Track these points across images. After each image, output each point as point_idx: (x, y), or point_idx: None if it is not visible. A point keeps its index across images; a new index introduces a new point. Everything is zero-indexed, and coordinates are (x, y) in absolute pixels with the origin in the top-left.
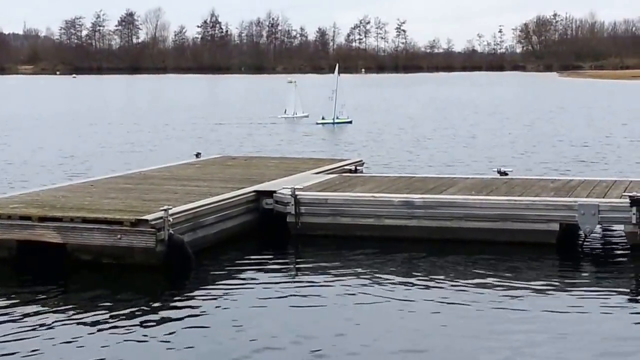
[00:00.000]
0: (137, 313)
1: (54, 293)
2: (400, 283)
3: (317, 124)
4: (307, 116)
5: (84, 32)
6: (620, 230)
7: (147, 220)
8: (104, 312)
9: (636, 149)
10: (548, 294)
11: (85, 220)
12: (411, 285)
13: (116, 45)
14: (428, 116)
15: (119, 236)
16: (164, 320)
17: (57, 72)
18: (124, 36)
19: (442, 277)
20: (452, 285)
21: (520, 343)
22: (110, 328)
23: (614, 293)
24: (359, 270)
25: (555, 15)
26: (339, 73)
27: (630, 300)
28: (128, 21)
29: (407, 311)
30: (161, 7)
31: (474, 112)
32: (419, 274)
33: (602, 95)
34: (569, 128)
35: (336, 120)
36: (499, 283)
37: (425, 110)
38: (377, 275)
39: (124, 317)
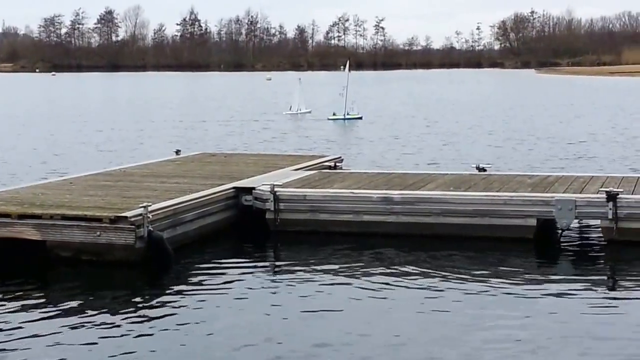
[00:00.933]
0: (116, 309)
1: (33, 290)
2: (379, 279)
3: (329, 119)
4: (309, 112)
5: (63, 30)
6: (597, 225)
7: (126, 217)
8: (83, 308)
9: (613, 144)
10: (525, 289)
11: (64, 217)
12: (390, 281)
13: (95, 43)
14: (408, 113)
15: (98, 233)
16: (143, 317)
17: (37, 70)
18: (103, 34)
19: (420, 272)
20: (430, 281)
21: (497, 337)
22: (89, 324)
23: (590, 287)
24: (338, 266)
25: (532, 12)
26: (349, 70)
27: (605, 294)
28: (107, 19)
29: (386, 306)
30: (140, 5)
31: (453, 109)
32: (397, 269)
33: (579, 91)
34: (546, 124)
35: (347, 116)
36: (477, 278)
37: (404, 107)
38: (356, 271)
39: (103, 313)
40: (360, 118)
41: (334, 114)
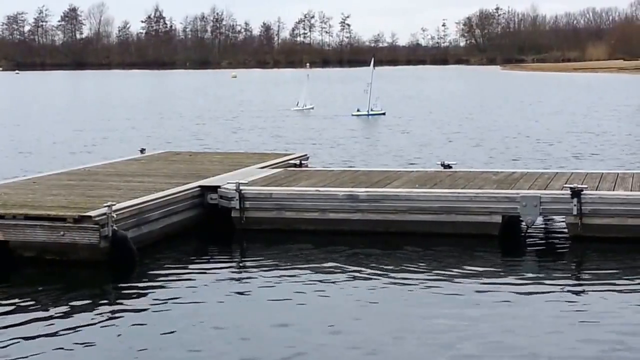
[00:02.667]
0: (80, 309)
1: None
2: (345, 276)
3: (353, 115)
4: (312, 108)
5: (27, 28)
6: (562, 221)
7: (90, 217)
8: (46, 308)
9: (577, 140)
10: (490, 285)
11: (27, 217)
12: (355, 278)
13: (59, 40)
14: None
15: (62, 233)
16: (107, 317)
17: (0, 68)
18: (68, 32)
19: (386, 269)
20: (395, 278)
21: (461, 333)
22: (52, 324)
23: (554, 283)
24: (304, 264)
25: (497, 8)
26: (374, 66)
27: (570, 290)
28: (71, 16)
29: (352, 304)
30: (105, 2)
31: (419, 105)
32: (363, 267)
33: (544, 88)
34: (511, 121)
35: (370, 112)
36: (442, 275)
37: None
38: (322, 269)
39: (66, 313)
40: (384, 114)
41: (358, 110)
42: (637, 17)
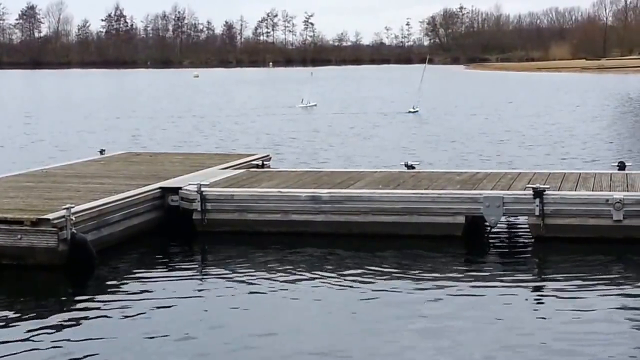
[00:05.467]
0: (38, 314)
1: None
2: (307, 278)
3: (409, 112)
4: (315, 105)
5: None
6: (525, 221)
7: (48, 220)
8: (3, 313)
9: (540, 140)
10: (453, 286)
11: None
12: (318, 280)
13: (17, 39)
14: (337, 110)
15: (19, 236)
16: (65, 321)
17: None
18: (25, 30)
19: (349, 271)
20: (359, 280)
21: (424, 333)
22: (9, 329)
23: (517, 284)
24: (266, 266)
25: (461, 8)
26: (425, 67)
27: (531, 291)
28: (29, 14)
29: (314, 307)
30: (64, 0)
31: (383, 106)
32: (326, 269)
33: (507, 87)
34: (474, 121)
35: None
36: (405, 276)
37: (334, 104)
38: (284, 271)
39: (24, 318)
40: (417, 112)
41: (413, 107)
42: (599, 17)
